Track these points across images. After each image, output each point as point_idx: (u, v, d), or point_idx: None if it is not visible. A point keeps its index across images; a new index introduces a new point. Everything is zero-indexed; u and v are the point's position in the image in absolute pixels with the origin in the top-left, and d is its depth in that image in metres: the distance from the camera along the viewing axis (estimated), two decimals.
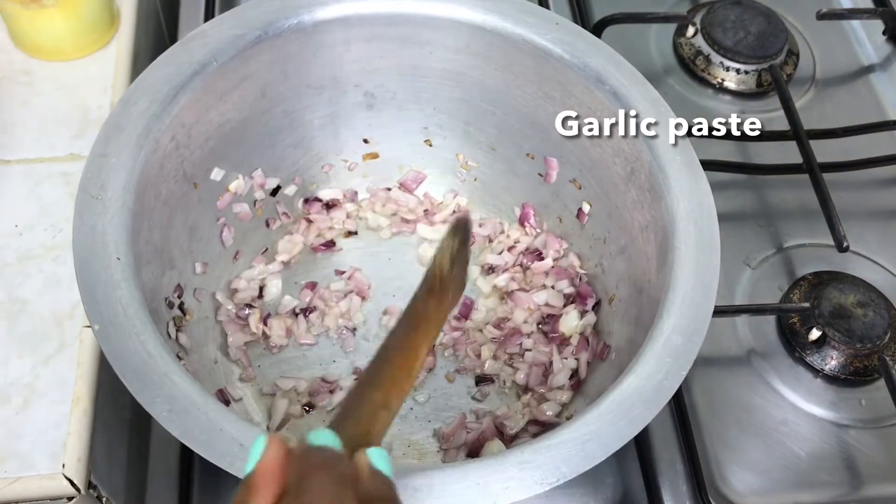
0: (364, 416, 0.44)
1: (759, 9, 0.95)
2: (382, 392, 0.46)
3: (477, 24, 0.68)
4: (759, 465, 0.68)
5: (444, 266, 0.52)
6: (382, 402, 0.46)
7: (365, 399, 0.45)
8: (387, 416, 0.46)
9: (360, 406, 0.45)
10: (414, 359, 0.49)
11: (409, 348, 0.50)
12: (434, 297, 0.52)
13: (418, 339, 0.50)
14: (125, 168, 0.57)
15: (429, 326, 0.51)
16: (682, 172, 0.61)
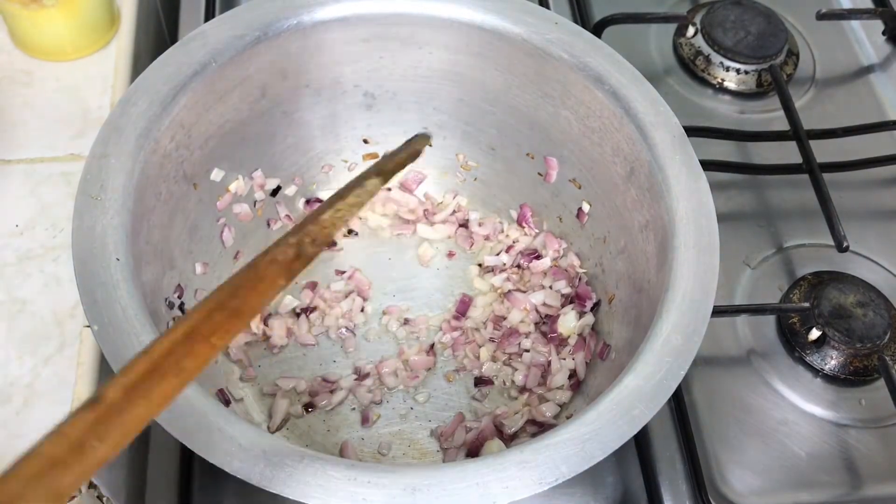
0: None
1: (759, 9, 0.95)
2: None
3: (477, 24, 0.68)
4: (759, 464, 0.68)
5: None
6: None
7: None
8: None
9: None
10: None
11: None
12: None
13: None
14: (125, 168, 0.57)
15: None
16: (681, 172, 0.61)
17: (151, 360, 0.37)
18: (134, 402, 0.35)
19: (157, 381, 0.36)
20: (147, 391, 0.36)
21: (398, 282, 0.76)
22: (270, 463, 0.46)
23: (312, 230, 0.46)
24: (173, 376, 0.37)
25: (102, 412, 0.34)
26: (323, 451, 0.59)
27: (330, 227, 0.47)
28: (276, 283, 0.43)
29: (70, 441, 0.33)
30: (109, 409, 0.34)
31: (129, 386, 0.35)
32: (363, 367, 0.71)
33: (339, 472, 0.46)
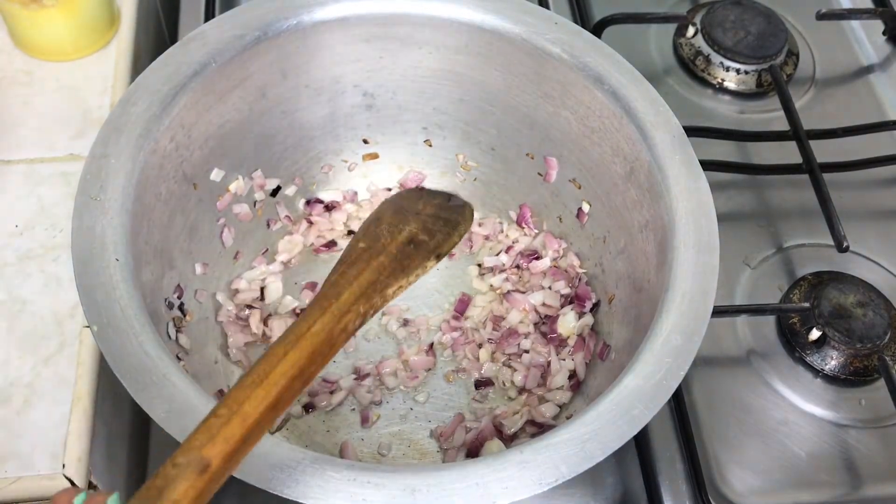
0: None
1: (758, 9, 0.95)
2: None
3: (476, 24, 0.68)
4: (759, 464, 0.68)
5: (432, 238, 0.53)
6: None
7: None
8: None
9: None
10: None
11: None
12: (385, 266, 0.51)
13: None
14: (124, 169, 0.57)
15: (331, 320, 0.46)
16: (681, 172, 0.61)
17: (247, 427, 0.39)
18: (228, 469, 0.38)
19: (244, 450, 0.39)
20: (237, 460, 0.38)
21: None
22: (270, 463, 0.46)
23: (377, 303, 0.48)
24: (252, 445, 0.40)
25: (209, 481, 0.37)
26: (323, 451, 0.60)
27: (389, 300, 0.50)
28: (339, 349, 0.46)
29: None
30: (214, 478, 0.37)
31: (229, 455, 0.38)
32: (363, 368, 0.71)
33: (338, 473, 0.46)
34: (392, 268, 0.50)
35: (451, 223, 0.56)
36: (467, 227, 0.56)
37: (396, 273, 0.50)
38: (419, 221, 0.55)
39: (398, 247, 0.52)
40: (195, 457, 0.36)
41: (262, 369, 0.41)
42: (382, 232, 0.53)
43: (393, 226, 0.54)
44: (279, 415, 0.41)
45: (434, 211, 0.57)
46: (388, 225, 0.54)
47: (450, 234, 0.54)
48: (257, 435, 0.39)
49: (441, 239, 0.54)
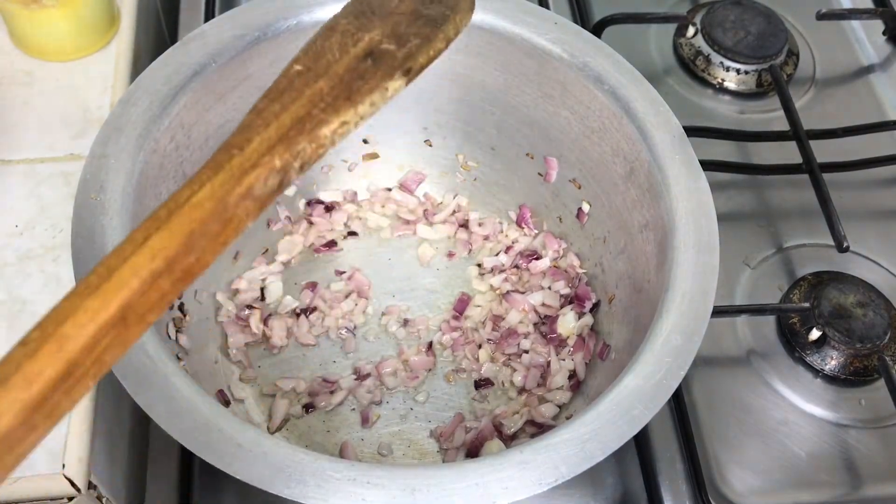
0: None
1: (759, 9, 0.95)
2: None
3: (476, 24, 0.68)
4: (759, 465, 0.68)
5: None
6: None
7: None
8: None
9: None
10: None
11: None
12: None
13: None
14: (124, 169, 0.57)
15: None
16: (681, 172, 0.61)
17: (67, 356, 0.26)
18: (35, 425, 0.25)
19: (68, 391, 0.26)
20: (53, 408, 0.26)
21: (398, 282, 0.76)
22: (270, 464, 0.46)
23: (306, 149, 0.33)
24: (89, 378, 0.27)
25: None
26: (323, 451, 0.60)
27: (327, 146, 0.34)
28: (243, 226, 0.31)
29: None
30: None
31: (31, 405, 0.25)
32: (363, 368, 0.71)
33: (338, 473, 0.46)
34: (334, 95, 0.34)
35: (434, 20, 0.39)
36: (461, 22, 0.40)
37: (339, 102, 0.34)
38: (388, 24, 0.38)
39: (349, 64, 0.36)
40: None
41: (106, 264, 0.28)
42: (331, 46, 0.37)
43: (348, 34, 0.38)
44: (133, 332, 0.28)
45: (414, 6, 0.40)
46: (342, 34, 0.38)
47: (429, 36, 0.38)
48: (93, 366, 0.26)
49: (416, 45, 0.37)
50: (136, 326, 0.28)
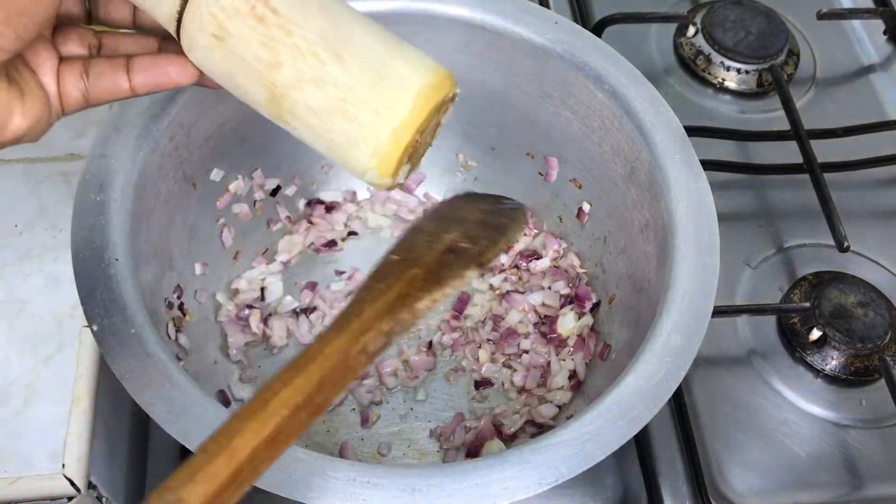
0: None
1: (759, 9, 0.95)
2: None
3: (477, 24, 0.68)
4: (759, 465, 0.68)
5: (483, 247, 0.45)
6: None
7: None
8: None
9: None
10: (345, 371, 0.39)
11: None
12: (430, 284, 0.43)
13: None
14: (124, 169, 0.57)
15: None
16: (681, 172, 0.61)
17: (237, 465, 0.33)
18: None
19: (233, 491, 0.33)
20: (223, 501, 0.33)
21: None
22: None
23: (405, 319, 0.41)
24: (247, 484, 0.34)
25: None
26: (323, 451, 0.60)
27: (421, 316, 0.42)
28: (357, 374, 0.40)
29: None
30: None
31: (209, 497, 0.33)
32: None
33: (338, 473, 0.46)
34: (426, 279, 0.43)
35: (498, 228, 0.49)
36: (517, 230, 0.50)
37: (430, 285, 0.43)
38: (462, 228, 0.48)
39: (436, 257, 0.45)
40: (170, 499, 0.32)
41: (262, 398, 0.36)
42: (419, 242, 0.47)
43: (432, 235, 0.47)
44: (280, 449, 0.36)
45: (481, 217, 0.50)
46: (427, 235, 0.48)
47: (495, 239, 0.47)
48: (251, 473, 0.34)
49: (485, 245, 0.47)
50: (283, 445, 0.36)
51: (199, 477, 0.32)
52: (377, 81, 0.42)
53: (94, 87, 0.44)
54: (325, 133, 0.43)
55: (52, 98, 0.43)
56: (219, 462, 0.33)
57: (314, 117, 0.42)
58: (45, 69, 0.43)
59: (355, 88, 0.41)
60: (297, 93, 0.42)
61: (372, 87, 0.42)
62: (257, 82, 0.42)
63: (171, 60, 0.44)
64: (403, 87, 0.43)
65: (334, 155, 0.44)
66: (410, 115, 0.42)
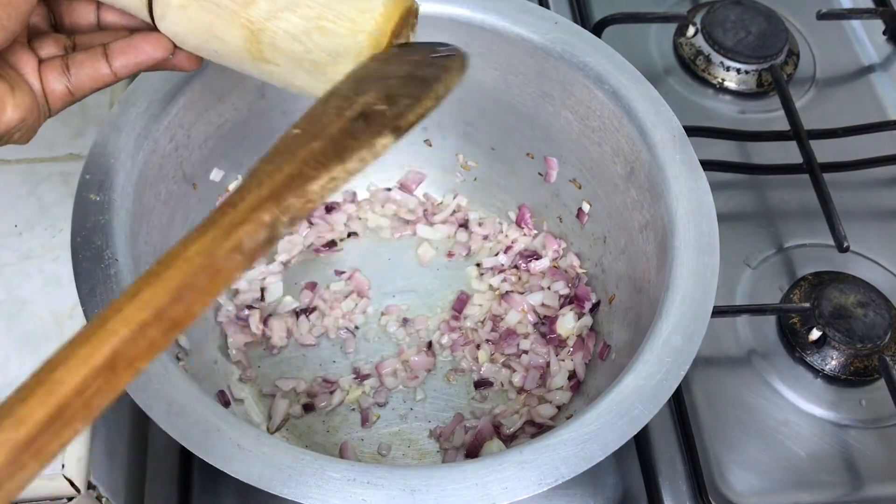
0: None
1: (759, 9, 0.95)
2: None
3: (476, 24, 0.68)
4: (759, 465, 0.68)
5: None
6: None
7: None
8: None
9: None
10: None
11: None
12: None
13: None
14: (124, 169, 0.57)
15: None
16: (681, 172, 0.61)
17: (56, 399, 0.28)
18: (25, 463, 0.27)
19: (57, 433, 0.28)
20: (42, 448, 0.27)
21: (398, 282, 0.76)
22: (270, 464, 0.46)
23: (294, 204, 0.34)
24: (79, 422, 0.28)
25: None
26: (322, 451, 0.59)
27: (316, 200, 0.35)
28: (232, 279, 0.33)
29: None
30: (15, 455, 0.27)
31: (20, 445, 0.27)
32: (363, 368, 0.71)
33: (338, 473, 0.46)
34: (325, 154, 0.36)
35: (425, 82, 0.39)
36: (450, 82, 0.40)
37: (329, 159, 0.35)
38: (382, 87, 0.39)
39: (342, 125, 0.37)
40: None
41: (100, 317, 0.30)
42: (328, 110, 0.39)
43: (345, 98, 0.39)
44: (124, 376, 0.29)
45: (408, 70, 0.41)
46: (340, 98, 0.40)
47: (419, 96, 0.38)
48: (83, 409, 0.28)
49: (406, 104, 0.38)
50: (124, 372, 0.29)
51: (6, 422, 0.27)
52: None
53: (76, 79, 0.44)
54: (306, 56, 0.44)
55: (38, 96, 0.44)
56: (32, 401, 0.27)
57: (294, 43, 0.44)
58: (27, 70, 0.44)
59: (328, 3, 0.43)
60: (274, 23, 0.43)
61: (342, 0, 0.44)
62: (234, 24, 0.44)
63: (145, 38, 0.45)
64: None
65: (318, 78, 0.45)
66: (384, 17, 0.44)
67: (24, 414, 0.27)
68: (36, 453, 0.27)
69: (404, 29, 0.46)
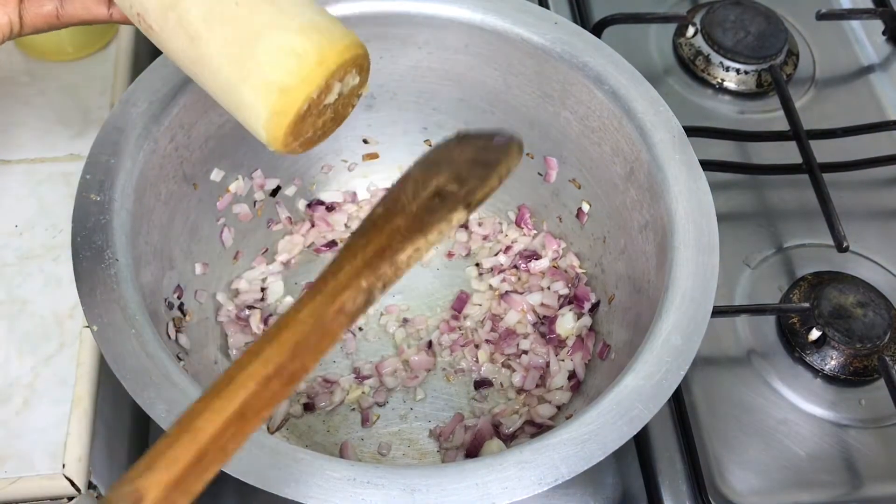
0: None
1: (758, 9, 0.95)
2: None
3: (476, 24, 0.68)
4: (759, 465, 0.68)
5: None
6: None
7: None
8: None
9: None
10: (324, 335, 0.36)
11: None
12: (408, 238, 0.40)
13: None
14: (124, 169, 0.57)
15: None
16: (681, 172, 0.61)
17: (198, 447, 0.32)
18: (173, 501, 0.31)
19: (199, 474, 0.32)
20: (187, 487, 0.31)
21: (398, 282, 0.76)
22: (270, 463, 0.46)
23: (387, 273, 0.39)
24: (216, 464, 0.32)
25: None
26: (323, 451, 0.60)
27: (404, 269, 0.40)
28: (336, 339, 0.38)
29: None
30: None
31: (171, 484, 0.31)
32: (363, 368, 0.71)
33: (338, 473, 0.46)
34: (409, 229, 0.40)
35: (488, 165, 0.44)
36: (511, 164, 0.44)
37: (413, 234, 0.40)
38: (452, 171, 0.44)
39: (420, 203, 0.42)
40: (126, 491, 0.30)
41: (228, 374, 0.34)
42: (406, 191, 0.43)
43: (419, 182, 0.43)
44: (250, 425, 0.34)
45: (472, 155, 0.45)
46: (415, 182, 0.44)
47: (485, 177, 0.43)
48: (217, 454, 0.32)
49: (474, 185, 0.42)
50: (253, 420, 0.34)
51: (158, 464, 0.31)
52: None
53: (27, 14, 0.48)
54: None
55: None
56: (179, 446, 0.31)
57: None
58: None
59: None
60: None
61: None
62: None
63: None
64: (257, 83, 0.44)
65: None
66: (273, 131, 0.45)
67: (174, 457, 0.31)
68: (183, 492, 0.31)
69: (328, 94, 0.47)
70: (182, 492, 0.31)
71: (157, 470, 0.31)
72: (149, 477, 0.31)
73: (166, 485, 0.31)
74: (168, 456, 0.31)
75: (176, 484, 0.31)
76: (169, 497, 0.31)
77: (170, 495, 0.31)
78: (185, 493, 0.31)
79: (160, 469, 0.31)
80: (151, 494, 0.30)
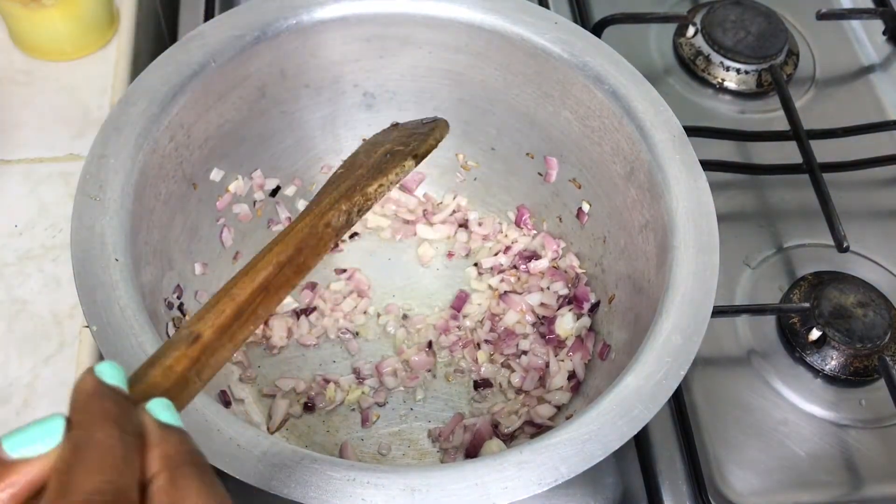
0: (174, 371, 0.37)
1: (759, 9, 0.95)
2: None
3: (476, 24, 0.68)
4: (759, 465, 0.68)
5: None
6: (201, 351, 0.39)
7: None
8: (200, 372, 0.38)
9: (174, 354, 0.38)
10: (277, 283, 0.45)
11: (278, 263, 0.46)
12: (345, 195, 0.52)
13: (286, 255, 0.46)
14: (124, 169, 0.57)
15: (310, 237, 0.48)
16: (681, 172, 0.61)
17: (237, 305, 0.41)
18: (223, 344, 0.39)
19: (240, 326, 0.41)
20: (233, 335, 0.40)
21: (398, 282, 0.76)
22: (270, 463, 0.46)
23: (359, 200, 0.51)
24: (252, 323, 0.42)
25: (201, 350, 0.38)
26: (322, 451, 0.60)
27: (373, 200, 0.52)
28: (328, 246, 0.49)
29: (177, 375, 0.36)
30: (206, 348, 0.38)
31: (220, 327, 0.40)
32: (363, 368, 0.71)
33: (338, 473, 0.46)
34: (371, 174, 0.54)
35: (425, 133, 0.58)
36: (442, 133, 0.59)
37: (375, 175, 0.53)
38: (395, 140, 0.58)
39: (377, 159, 0.56)
40: (186, 333, 0.38)
41: (251, 262, 0.45)
42: (359, 156, 0.58)
43: (370, 151, 0.58)
44: (274, 297, 0.44)
45: (409, 132, 0.60)
46: (366, 152, 0.58)
47: (425, 139, 0.57)
48: (252, 314, 0.42)
49: (417, 144, 0.56)
50: (274, 295, 0.44)
51: (209, 315, 0.40)
52: None
53: None
54: None
55: None
56: (222, 304, 0.41)
57: None
58: None
59: None
60: None
61: None
62: None
63: None
64: None
65: None
66: None
67: (220, 310, 0.41)
68: (230, 337, 0.40)
69: None
70: (228, 337, 0.40)
71: (207, 319, 0.40)
72: (202, 323, 0.39)
73: (216, 328, 0.39)
74: (215, 309, 0.40)
75: (223, 329, 0.40)
76: (219, 339, 0.39)
77: (220, 337, 0.39)
78: (230, 338, 0.40)
79: (210, 318, 0.40)
80: (206, 334, 0.39)
